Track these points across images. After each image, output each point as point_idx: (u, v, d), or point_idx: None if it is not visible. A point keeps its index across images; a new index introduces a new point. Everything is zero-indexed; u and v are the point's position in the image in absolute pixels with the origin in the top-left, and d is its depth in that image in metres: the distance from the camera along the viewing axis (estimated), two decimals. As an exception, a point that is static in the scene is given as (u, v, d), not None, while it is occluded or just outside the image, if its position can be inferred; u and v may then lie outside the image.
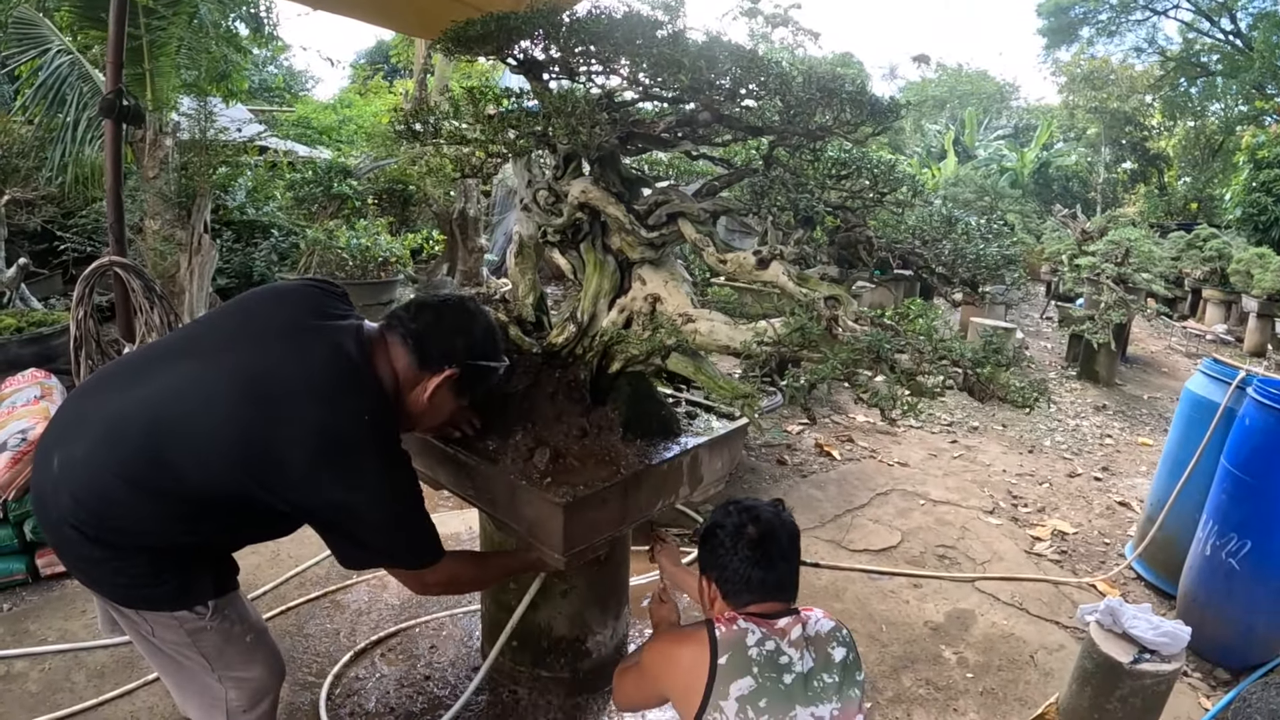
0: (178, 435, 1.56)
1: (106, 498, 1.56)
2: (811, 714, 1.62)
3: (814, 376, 1.71)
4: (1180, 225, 16.15)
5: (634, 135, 1.98)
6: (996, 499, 4.74)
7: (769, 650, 1.64)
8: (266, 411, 1.57)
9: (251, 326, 1.73)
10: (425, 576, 1.83)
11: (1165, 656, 2.46)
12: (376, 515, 1.67)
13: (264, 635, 1.90)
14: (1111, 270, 7.71)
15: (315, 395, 1.60)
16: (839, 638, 1.76)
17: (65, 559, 1.70)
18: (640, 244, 2.04)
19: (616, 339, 2.08)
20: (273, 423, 1.56)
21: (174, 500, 1.58)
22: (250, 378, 1.60)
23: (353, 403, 1.62)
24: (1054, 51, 23.89)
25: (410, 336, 1.73)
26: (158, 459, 1.55)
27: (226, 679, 1.80)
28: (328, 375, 1.63)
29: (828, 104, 1.71)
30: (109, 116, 4.26)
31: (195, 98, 7.08)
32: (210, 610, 1.73)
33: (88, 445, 1.59)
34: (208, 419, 1.57)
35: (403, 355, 1.73)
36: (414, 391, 1.75)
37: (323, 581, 3.30)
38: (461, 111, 2.06)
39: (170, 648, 1.76)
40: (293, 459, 1.56)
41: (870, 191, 2.00)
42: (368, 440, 1.62)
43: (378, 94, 15.79)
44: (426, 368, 1.73)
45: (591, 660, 2.58)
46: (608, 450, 2.05)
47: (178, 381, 1.63)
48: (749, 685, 1.60)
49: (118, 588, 1.67)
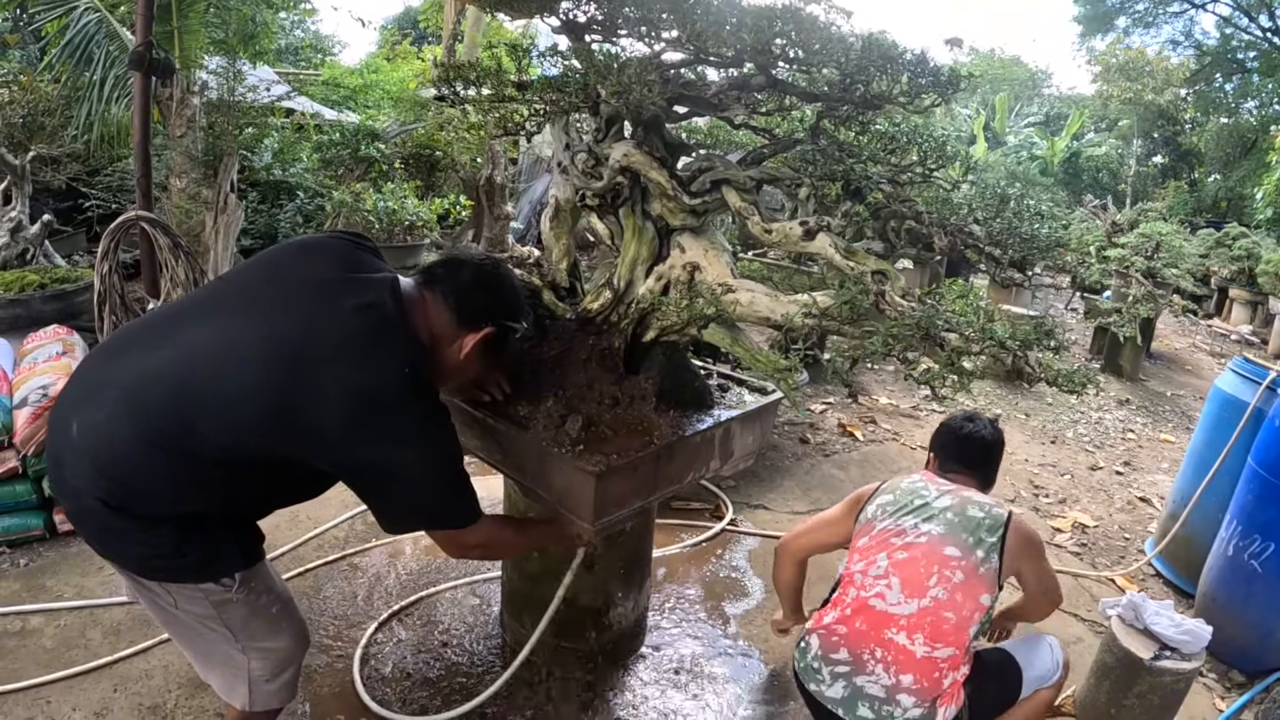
0: (207, 398, 1.51)
1: (130, 464, 1.52)
2: (916, 525, 2.13)
3: (858, 352, 1.67)
4: (1209, 223, 15.91)
5: (683, 98, 1.93)
6: (1018, 488, 4.70)
7: (917, 485, 2.25)
8: (302, 373, 1.51)
9: (282, 283, 1.67)
10: (465, 538, 1.79)
11: (1186, 655, 2.43)
12: (419, 475, 1.62)
13: (290, 605, 1.87)
14: (1141, 264, 7.60)
15: (352, 353, 1.55)
16: (988, 510, 2.16)
17: (84, 529, 1.65)
18: (682, 210, 1.99)
19: (653, 307, 2.04)
20: (309, 384, 1.51)
21: (204, 465, 1.53)
22: (282, 338, 1.55)
23: (391, 359, 1.57)
24: (1089, 40, 23.57)
25: (451, 294, 1.71)
26: (186, 423, 1.50)
27: (250, 650, 1.77)
28: (364, 332, 1.58)
29: (886, 70, 1.66)
30: (138, 69, 4.24)
31: (223, 57, 7.05)
32: (237, 582, 1.68)
33: (109, 409, 1.53)
34: (239, 381, 1.52)
35: (442, 312, 1.70)
36: (450, 348, 1.72)
37: (341, 544, 3.30)
38: (505, 68, 2.02)
39: (194, 620, 1.72)
40: (331, 420, 1.51)
41: (920, 167, 1.94)
42: (408, 397, 1.57)
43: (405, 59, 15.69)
44: (465, 325, 1.71)
45: (612, 632, 2.57)
46: (640, 420, 2.01)
47: (206, 342, 1.57)
48: (888, 498, 2.24)
49: (140, 559, 1.62)
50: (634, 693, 2.57)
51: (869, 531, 2.19)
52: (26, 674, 2.42)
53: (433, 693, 2.50)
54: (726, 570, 3.36)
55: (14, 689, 2.36)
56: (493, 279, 1.78)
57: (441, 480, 1.68)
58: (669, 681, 2.64)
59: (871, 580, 2.08)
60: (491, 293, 1.76)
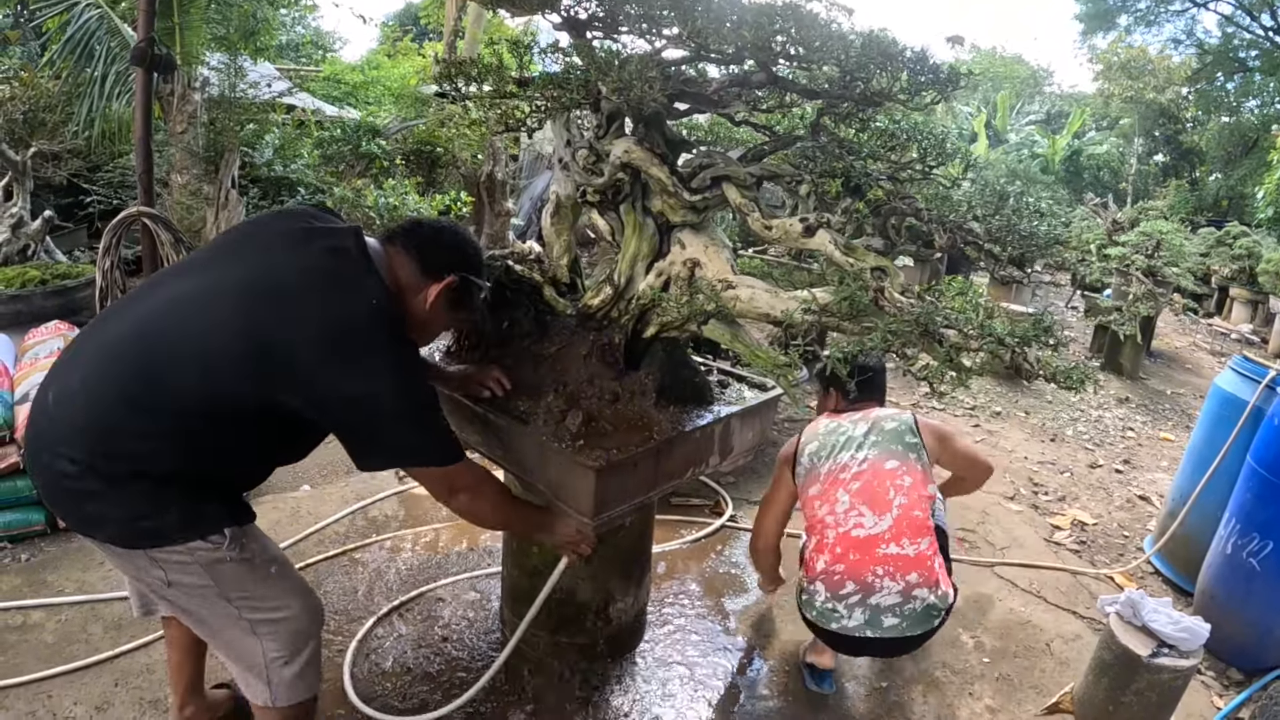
0: (178, 346, 1.55)
1: (105, 424, 1.54)
2: (853, 456, 2.45)
3: (857, 348, 1.68)
4: (1210, 222, 15.90)
5: (684, 95, 1.94)
6: (1018, 485, 4.71)
7: (833, 426, 2.55)
8: (270, 311, 1.56)
9: (253, 240, 1.75)
10: (453, 479, 1.78)
11: (1184, 652, 2.44)
12: (395, 405, 1.62)
13: (289, 567, 1.85)
14: (1141, 262, 7.59)
15: (318, 289, 1.60)
16: (898, 418, 2.54)
17: (61, 502, 1.63)
18: (682, 207, 2.00)
19: (654, 303, 2.05)
20: (279, 322, 1.55)
21: (179, 416, 1.55)
22: (250, 281, 1.60)
23: (359, 293, 1.61)
24: (1090, 38, 23.55)
25: (413, 246, 1.77)
26: (157, 373, 1.53)
27: (259, 625, 1.73)
28: (332, 269, 1.63)
29: (886, 68, 1.66)
30: (140, 65, 4.24)
31: (224, 53, 7.06)
32: (227, 539, 1.65)
33: (83, 373, 1.58)
34: (209, 326, 1.55)
35: (405, 263, 1.76)
36: (416, 299, 1.76)
37: (341, 539, 3.31)
38: (506, 64, 2.03)
39: (191, 596, 1.68)
40: (303, 355, 1.54)
41: (919, 164, 1.95)
42: (377, 328, 1.61)
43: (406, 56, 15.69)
44: (428, 275, 1.76)
45: (612, 628, 2.58)
46: (640, 415, 2.02)
47: (176, 295, 1.62)
48: (814, 445, 2.53)
49: (120, 524, 1.59)
50: (634, 688, 2.58)
51: (816, 480, 2.48)
52: (28, 668, 2.43)
53: (433, 687, 2.51)
54: (726, 566, 3.37)
55: (15, 683, 2.37)
56: (450, 234, 1.86)
57: (419, 416, 1.68)
58: (668, 677, 2.65)
59: (843, 516, 2.36)
60: (451, 247, 1.82)
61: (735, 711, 2.55)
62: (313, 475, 3.87)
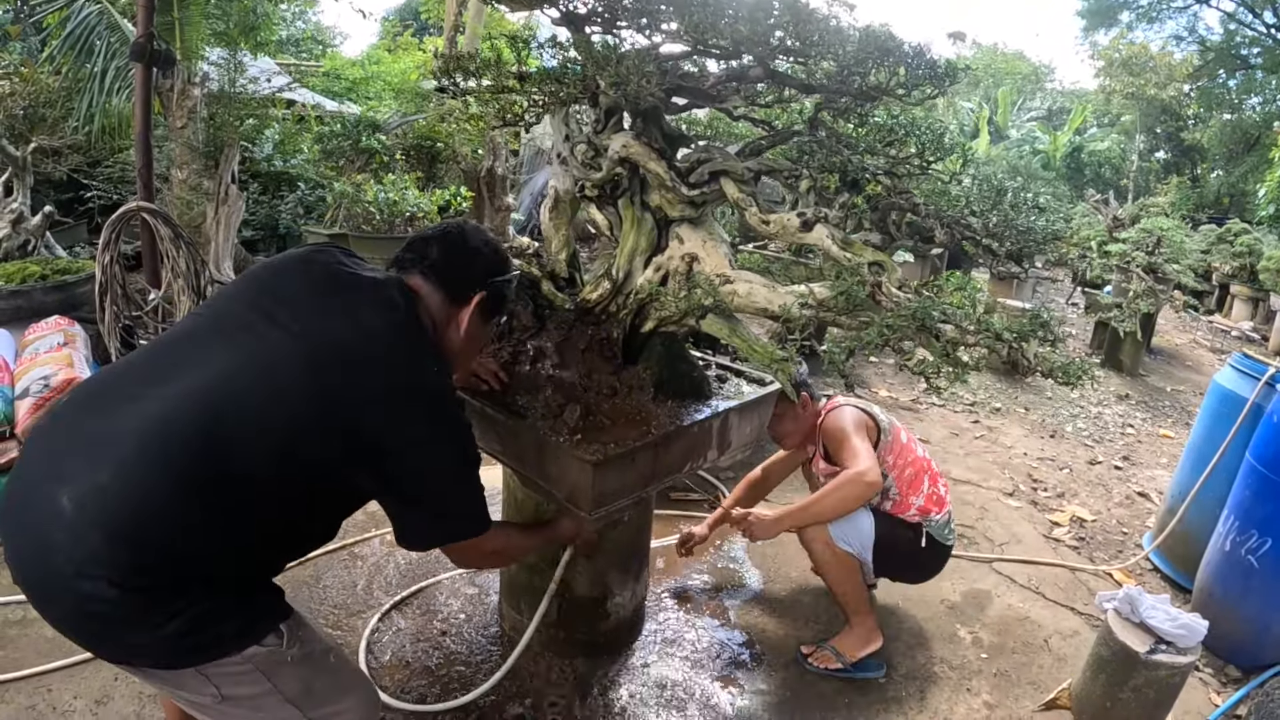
0: (246, 418, 1.36)
1: (161, 520, 1.30)
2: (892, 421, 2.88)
3: (854, 343, 1.68)
4: (1212, 219, 15.88)
5: (681, 89, 1.94)
6: (1017, 481, 4.71)
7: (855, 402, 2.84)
8: (335, 376, 1.43)
9: (292, 291, 1.56)
10: (483, 545, 1.69)
11: (1181, 649, 2.44)
12: (449, 470, 1.56)
13: (342, 652, 1.70)
14: (1142, 259, 7.59)
15: (395, 352, 1.50)
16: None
17: (90, 632, 1.35)
18: (680, 201, 2.00)
19: (652, 297, 2.05)
20: (344, 386, 1.42)
21: (242, 500, 1.37)
22: (309, 346, 1.44)
23: (426, 357, 1.55)
24: (1092, 34, 23.49)
25: (433, 274, 1.66)
26: (222, 454, 1.33)
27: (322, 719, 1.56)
28: (398, 331, 1.53)
29: (884, 62, 1.67)
30: (140, 61, 4.24)
31: (224, 49, 7.05)
32: (286, 636, 1.47)
33: (117, 466, 1.30)
34: (279, 392, 1.39)
35: (433, 295, 1.66)
36: (449, 329, 1.69)
37: (340, 534, 3.30)
38: (505, 59, 2.03)
39: (251, 706, 1.46)
40: (368, 420, 1.43)
41: (917, 159, 1.95)
42: (437, 393, 1.54)
43: (406, 51, 15.67)
44: (458, 301, 1.68)
45: (610, 622, 2.59)
46: (638, 410, 2.03)
47: (224, 365, 1.41)
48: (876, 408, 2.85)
49: (169, 645, 1.33)
50: (632, 682, 2.59)
51: (897, 433, 2.83)
52: (28, 663, 2.43)
53: (431, 681, 2.52)
54: (725, 561, 3.38)
55: (16, 677, 2.37)
56: (465, 247, 1.72)
57: (469, 484, 1.63)
58: (667, 671, 2.66)
59: (930, 462, 2.89)
60: (470, 257, 1.71)
61: (735, 705, 2.55)
62: (312, 470, 3.88)
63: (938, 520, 2.77)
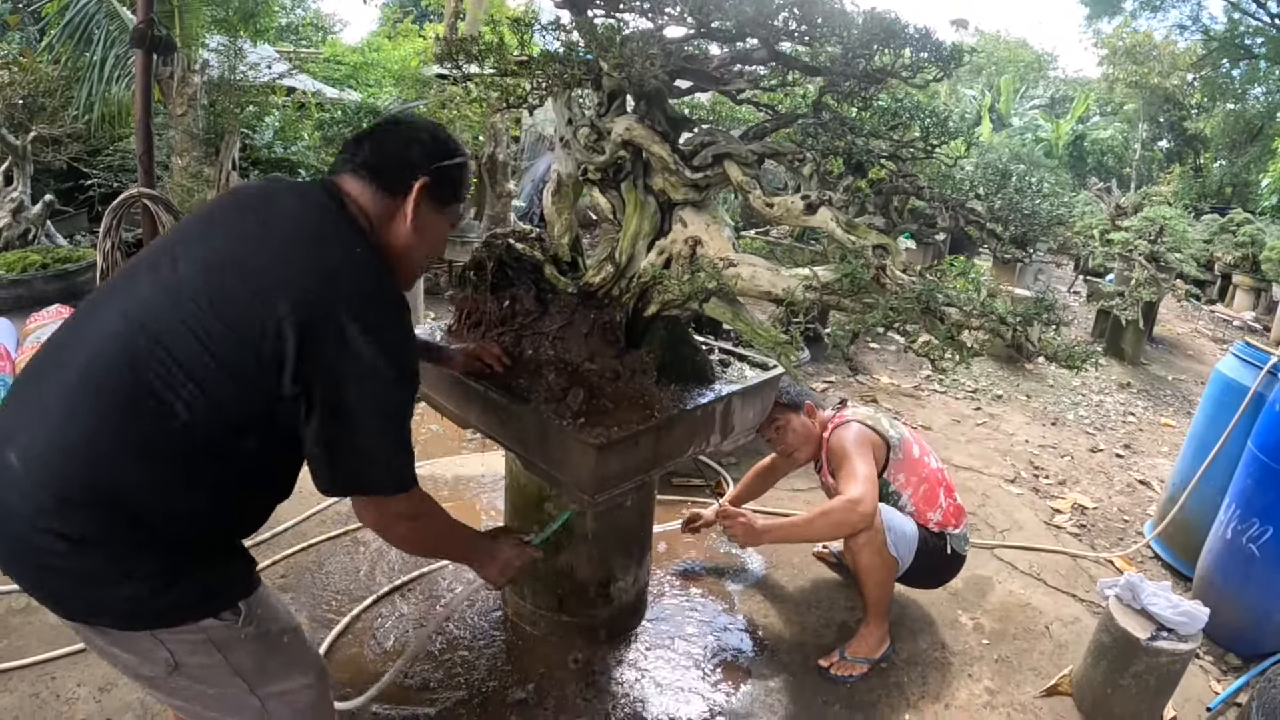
0: (168, 353, 1.30)
1: (102, 472, 1.28)
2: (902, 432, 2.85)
3: (858, 325, 1.68)
4: (1214, 208, 15.84)
5: (685, 72, 1.93)
6: (1018, 468, 4.72)
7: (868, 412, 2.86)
8: (240, 285, 1.34)
9: (203, 221, 1.51)
10: (401, 504, 1.49)
11: (1182, 636, 2.44)
12: (375, 391, 1.37)
13: (301, 632, 1.62)
14: (1144, 247, 7.58)
15: (300, 245, 1.40)
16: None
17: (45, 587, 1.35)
18: (683, 185, 1.99)
19: (655, 281, 2.04)
20: (253, 293, 1.33)
21: (178, 446, 1.31)
22: (221, 257, 1.38)
23: (344, 250, 1.42)
24: (1095, 22, 23.32)
25: (364, 168, 1.52)
26: (153, 393, 1.28)
27: (270, 697, 1.51)
28: (306, 225, 1.44)
29: (889, 45, 1.66)
30: (140, 47, 4.22)
31: (224, 36, 7.02)
32: (244, 613, 1.44)
33: (59, 419, 1.30)
34: (192, 318, 1.31)
35: (365, 190, 1.51)
36: (394, 225, 1.53)
37: (344, 520, 3.32)
38: (507, 43, 2.02)
39: (197, 676, 1.43)
40: (282, 324, 1.30)
41: (921, 143, 1.94)
42: (369, 291, 1.40)
43: (407, 38, 15.58)
44: (397, 190, 1.52)
45: (613, 606, 2.59)
46: (641, 393, 2.02)
47: (133, 302, 1.36)
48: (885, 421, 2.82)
49: (123, 606, 1.32)
50: (634, 666, 2.59)
51: (908, 447, 2.79)
52: (31, 650, 2.43)
53: (434, 666, 2.52)
54: (726, 546, 3.38)
55: (19, 665, 2.37)
56: (394, 133, 1.58)
57: (397, 420, 1.44)
58: (669, 656, 2.66)
59: (943, 472, 2.87)
60: (404, 144, 1.55)
61: (737, 691, 2.56)
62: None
63: (957, 534, 2.79)
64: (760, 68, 1.91)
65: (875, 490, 2.54)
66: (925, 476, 2.78)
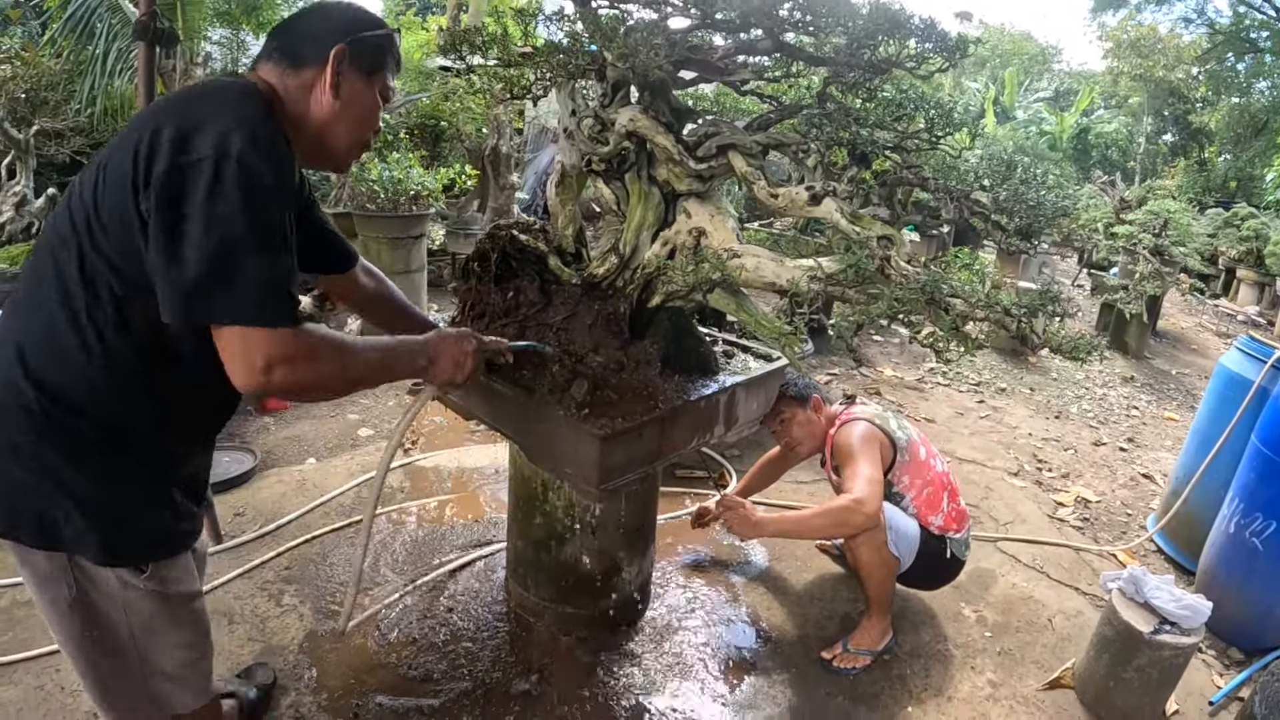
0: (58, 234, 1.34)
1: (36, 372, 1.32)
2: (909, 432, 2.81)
3: (863, 316, 1.68)
4: (1219, 203, 15.80)
5: (689, 62, 1.93)
6: (1021, 461, 4.72)
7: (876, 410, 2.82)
8: (128, 134, 1.31)
9: None
10: (270, 347, 1.30)
11: (1185, 630, 2.44)
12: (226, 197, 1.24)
13: (201, 599, 1.61)
14: (1149, 241, 7.56)
15: (172, 99, 1.36)
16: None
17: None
18: (688, 175, 1.99)
19: (659, 271, 2.04)
20: (133, 130, 1.30)
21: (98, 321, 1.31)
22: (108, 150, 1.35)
23: (218, 95, 1.35)
24: (1100, 15, 23.26)
25: (277, 52, 1.46)
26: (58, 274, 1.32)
27: (150, 652, 1.52)
28: (193, 93, 1.38)
29: (894, 35, 1.65)
30: (143, 40, 4.19)
31: (227, 29, 7.02)
32: (149, 571, 1.44)
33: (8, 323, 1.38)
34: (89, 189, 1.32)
35: (274, 69, 1.45)
36: (312, 98, 1.46)
37: (347, 512, 3.33)
38: (511, 34, 2.01)
39: (87, 620, 1.46)
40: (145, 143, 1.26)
41: (926, 134, 1.93)
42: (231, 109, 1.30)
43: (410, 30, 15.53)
44: (307, 62, 1.44)
45: (616, 598, 2.60)
46: (646, 384, 2.02)
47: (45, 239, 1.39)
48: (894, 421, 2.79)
49: (51, 517, 1.36)
50: (638, 658, 2.60)
51: (915, 449, 2.77)
52: (36, 643, 2.43)
53: (438, 657, 2.53)
54: (730, 539, 3.38)
55: (24, 658, 2.38)
56: (307, 13, 1.54)
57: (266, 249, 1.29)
58: (674, 647, 2.67)
59: (949, 476, 2.85)
60: (315, 21, 1.50)
61: (740, 682, 2.57)
62: (318, 449, 3.89)
63: (958, 538, 2.78)
64: (764, 58, 1.90)
65: (880, 491, 2.50)
66: (930, 480, 2.76)
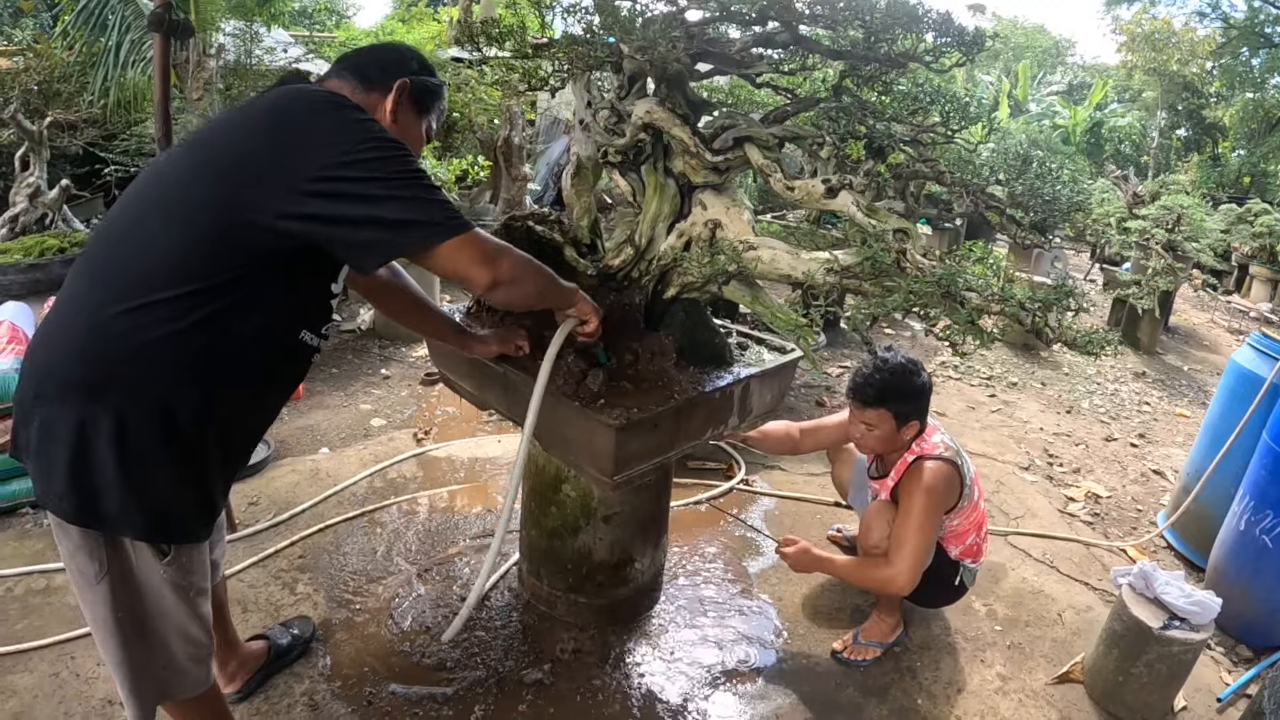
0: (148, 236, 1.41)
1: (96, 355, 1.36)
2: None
3: (879, 309, 1.68)
4: (1232, 198, 15.68)
5: (707, 55, 1.93)
6: (1032, 456, 4.71)
7: (956, 447, 2.65)
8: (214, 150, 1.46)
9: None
10: (485, 244, 1.48)
11: (1195, 626, 2.44)
12: (380, 163, 1.39)
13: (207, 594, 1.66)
14: (1162, 236, 7.51)
15: (272, 108, 1.47)
16: None
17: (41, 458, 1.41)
18: (704, 168, 2.00)
19: (674, 263, 2.05)
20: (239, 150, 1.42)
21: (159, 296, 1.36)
22: (197, 142, 1.51)
23: (324, 98, 1.49)
24: (1114, 8, 23.03)
25: (348, 70, 1.65)
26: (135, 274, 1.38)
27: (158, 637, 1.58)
28: (282, 95, 1.50)
29: (911, 29, 1.65)
30: (158, 30, 4.21)
31: (240, 20, 7.02)
32: (172, 554, 1.51)
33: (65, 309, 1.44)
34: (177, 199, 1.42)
35: (348, 86, 1.62)
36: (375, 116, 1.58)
37: (360, 501, 3.35)
38: (528, 25, 2.02)
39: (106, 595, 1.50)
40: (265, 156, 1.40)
41: (942, 127, 1.94)
42: (340, 105, 1.48)
43: (421, 22, 15.50)
44: (375, 89, 1.63)
45: (629, 588, 2.62)
46: (661, 375, 2.03)
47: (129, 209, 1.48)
48: (965, 466, 2.62)
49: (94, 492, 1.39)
50: (650, 648, 2.62)
51: (975, 488, 2.73)
52: (51, 630, 2.46)
53: (451, 646, 2.55)
54: (742, 530, 3.40)
55: (39, 645, 2.40)
56: (382, 48, 1.75)
57: (411, 177, 1.43)
58: (685, 637, 2.69)
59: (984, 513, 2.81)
60: (386, 53, 1.71)
61: (752, 671, 2.58)
62: (331, 439, 3.92)
63: (970, 568, 2.76)
64: (781, 51, 1.90)
65: (921, 568, 2.44)
66: (974, 520, 2.72)
